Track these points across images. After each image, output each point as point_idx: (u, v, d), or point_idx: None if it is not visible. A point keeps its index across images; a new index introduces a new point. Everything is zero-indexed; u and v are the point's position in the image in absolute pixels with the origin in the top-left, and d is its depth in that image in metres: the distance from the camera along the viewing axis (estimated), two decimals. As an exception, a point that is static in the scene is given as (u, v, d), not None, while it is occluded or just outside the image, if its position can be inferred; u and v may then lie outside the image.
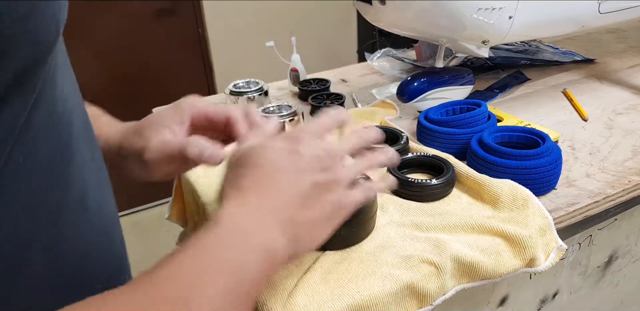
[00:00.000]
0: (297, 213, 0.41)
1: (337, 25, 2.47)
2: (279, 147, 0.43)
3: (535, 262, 0.57)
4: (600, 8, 0.83)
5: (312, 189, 0.42)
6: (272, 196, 0.41)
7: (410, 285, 0.51)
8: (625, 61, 1.08)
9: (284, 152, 0.42)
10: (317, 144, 0.44)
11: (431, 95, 0.83)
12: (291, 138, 0.44)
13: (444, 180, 0.63)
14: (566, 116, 0.86)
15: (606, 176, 0.69)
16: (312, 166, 0.42)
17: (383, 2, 0.73)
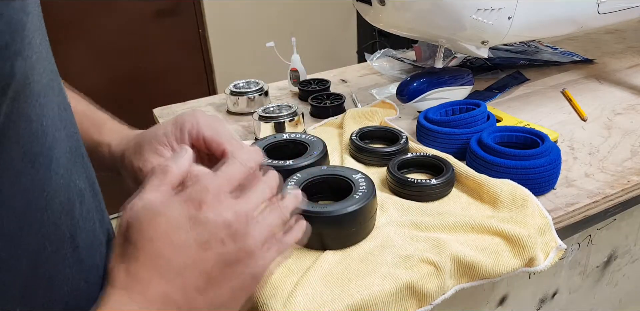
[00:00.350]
0: (199, 298, 0.34)
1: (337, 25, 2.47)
2: (175, 214, 0.34)
3: (534, 262, 0.57)
4: (599, 8, 0.83)
5: (218, 266, 0.34)
6: (169, 282, 0.33)
7: (409, 285, 0.52)
8: (624, 61, 1.08)
9: (181, 221, 0.34)
10: (224, 206, 0.35)
11: (431, 95, 0.83)
12: (192, 199, 0.35)
13: (443, 180, 0.63)
14: (565, 116, 0.86)
15: (605, 176, 0.69)
16: (218, 236, 0.34)
17: (383, 3, 0.73)
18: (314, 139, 0.70)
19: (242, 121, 0.91)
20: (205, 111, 0.96)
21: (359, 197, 0.55)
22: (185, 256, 0.33)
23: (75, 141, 0.38)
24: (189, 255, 0.33)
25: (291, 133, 0.72)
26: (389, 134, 0.76)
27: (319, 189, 0.61)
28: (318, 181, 0.61)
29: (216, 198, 0.35)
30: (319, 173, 0.61)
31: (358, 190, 0.57)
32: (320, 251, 0.55)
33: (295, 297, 0.49)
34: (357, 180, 0.59)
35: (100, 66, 1.97)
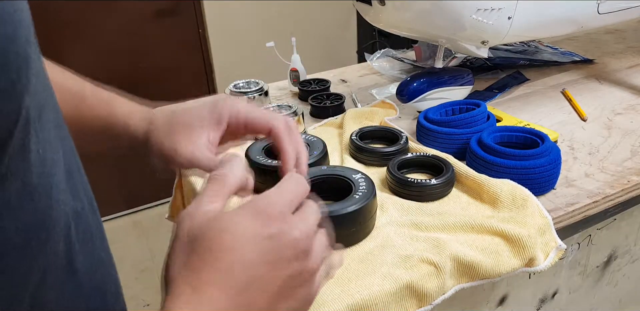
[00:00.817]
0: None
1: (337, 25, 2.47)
2: (248, 231, 0.33)
3: (534, 262, 0.57)
4: (599, 9, 0.83)
5: (282, 286, 0.33)
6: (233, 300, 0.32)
7: (409, 285, 0.52)
8: (624, 61, 1.08)
9: (249, 238, 0.33)
10: (291, 224, 0.34)
11: (431, 95, 0.83)
12: (259, 215, 0.34)
13: (443, 180, 0.63)
14: (565, 116, 0.86)
15: (605, 176, 0.69)
16: (285, 255, 0.33)
17: (383, 3, 0.73)
18: (314, 139, 0.70)
19: (242, 121, 0.90)
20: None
21: (359, 197, 0.55)
22: (252, 274, 0.32)
23: (72, 157, 0.36)
24: (256, 273, 0.32)
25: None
26: (389, 134, 0.76)
27: (319, 189, 0.61)
28: (318, 181, 0.61)
29: (282, 215, 0.34)
30: (319, 173, 0.61)
31: (358, 190, 0.57)
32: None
33: (295, 297, 0.49)
34: (357, 180, 0.59)
35: (100, 65, 1.97)
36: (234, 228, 0.33)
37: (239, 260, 0.32)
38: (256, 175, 0.65)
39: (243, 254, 0.32)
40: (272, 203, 0.35)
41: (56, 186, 0.31)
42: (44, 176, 0.30)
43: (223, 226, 0.33)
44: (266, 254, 0.33)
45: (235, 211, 0.34)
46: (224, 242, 0.32)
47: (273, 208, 0.34)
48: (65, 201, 0.33)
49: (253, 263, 0.32)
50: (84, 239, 0.35)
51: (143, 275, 1.74)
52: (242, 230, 0.33)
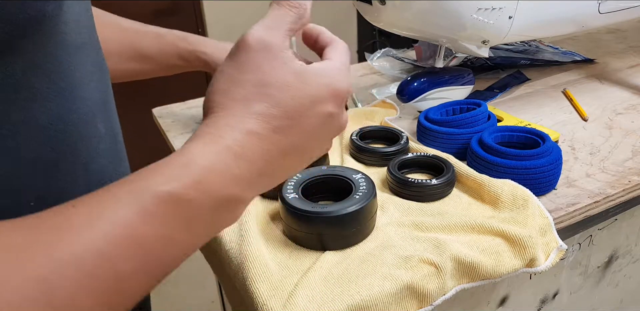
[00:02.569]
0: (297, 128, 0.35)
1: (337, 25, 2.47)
2: (327, 113, 0.35)
3: (535, 262, 0.57)
4: (600, 8, 0.83)
5: (322, 146, 0.38)
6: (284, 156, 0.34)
7: (410, 285, 0.51)
8: (625, 61, 1.08)
9: (327, 121, 0.36)
10: (345, 115, 0.38)
11: (431, 95, 0.83)
12: (339, 101, 0.36)
13: (444, 180, 0.63)
14: (566, 116, 0.86)
15: (606, 176, 0.69)
16: (338, 132, 0.38)
17: (383, 2, 0.73)
18: (314, 139, 0.70)
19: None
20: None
21: (359, 197, 0.55)
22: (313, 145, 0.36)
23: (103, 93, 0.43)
24: (314, 145, 0.36)
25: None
26: (389, 134, 0.76)
27: (319, 189, 0.61)
28: (318, 181, 0.61)
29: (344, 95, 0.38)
30: (319, 173, 0.61)
31: (358, 190, 0.56)
32: (320, 251, 0.55)
33: (295, 298, 0.49)
34: (357, 180, 0.58)
35: (100, 65, 1.96)
36: (321, 111, 0.35)
37: (309, 135, 0.35)
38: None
39: (314, 132, 0.35)
40: (345, 84, 0.37)
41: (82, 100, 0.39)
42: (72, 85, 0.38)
43: (314, 109, 0.35)
44: (329, 133, 0.37)
45: (317, 78, 0.35)
46: (305, 118, 0.34)
47: (344, 89, 0.37)
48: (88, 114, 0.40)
49: (317, 138, 0.36)
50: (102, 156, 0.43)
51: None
52: (324, 113, 0.35)
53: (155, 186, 0.29)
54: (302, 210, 0.54)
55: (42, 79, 0.35)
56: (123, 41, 0.71)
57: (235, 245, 0.56)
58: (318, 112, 0.34)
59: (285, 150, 0.33)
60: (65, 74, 0.37)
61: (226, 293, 0.64)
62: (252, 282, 0.51)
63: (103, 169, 0.44)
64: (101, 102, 0.44)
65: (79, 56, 0.39)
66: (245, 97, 0.33)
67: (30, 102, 0.35)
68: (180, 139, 0.85)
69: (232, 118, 0.32)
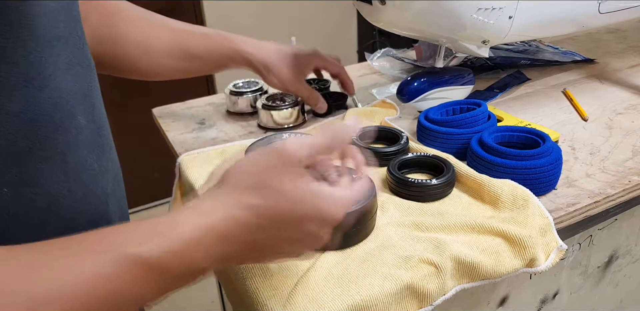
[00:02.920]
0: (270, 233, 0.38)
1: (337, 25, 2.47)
2: (308, 231, 0.39)
3: (535, 262, 0.57)
4: (600, 8, 0.83)
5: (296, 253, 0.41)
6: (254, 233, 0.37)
7: (410, 285, 0.51)
8: (625, 61, 1.08)
9: (305, 237, 0.39)
10: (325, 237, 0.41)
11: (431, 95, 0.83)
12: (325, 225, 0.39)
13: (444, 180, 0.63)
14: (566, 116, 0.86)
15: (606, 176, 0.69)
16: (313, 248, 0.41)
17: (383, 2, 0.73)
18: (314, 139, 0.70)
19: (242, 121, 0.90)
20: (204, 110, 0.96)
21: (359, 197, 0.55)
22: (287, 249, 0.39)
23: (84, 87, 0.45)
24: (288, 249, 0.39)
25: (291, 133, 0.72)
26: (389, 134, 0.76)
27: (319, 189, 0.61)
28: (318, 181, 0.60)
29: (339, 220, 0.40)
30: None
31: (358, 190, 0.56)
32: (320, 251, 0.55)
33: (295, 298, 0.49)
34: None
35: (100, 65, 1.96)
36: (300, 216, 0.38)
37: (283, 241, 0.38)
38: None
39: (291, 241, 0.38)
40: (336, 214, 0.39)
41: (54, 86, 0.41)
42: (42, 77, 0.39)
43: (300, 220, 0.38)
44: (293, 241, 0.39)
45: (313, 200, 0.38)
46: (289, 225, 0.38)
47: (333, 217, 0.39)
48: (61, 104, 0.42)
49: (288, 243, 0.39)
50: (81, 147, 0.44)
51: (143, 275, 1.73)
52: (305, 230, 0.38)
53: (137, 247, 0.32)
54: None
55: (9, 67, 0.37)
56: (172, 41, 0.75)
57: (235, 245, 0.56)
58: (300, 228, 0.38)
59: (258, 245, 0.37)
60: (35, 64, 0.39)
61: (226, 293, 0.65)
62: (252, 282, 0.51)
63: (83, 161, 0.45)
64: (81, 95, 0.45)
65: (53, 48, 0.41)
66: (248, 188, 0.36)
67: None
68: (180, 139, 0.85)
69: (228, 200, 0.36)
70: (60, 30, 0.42)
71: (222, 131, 0.87)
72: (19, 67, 0.38)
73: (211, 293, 1.66)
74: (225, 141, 0.84)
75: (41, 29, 0.39)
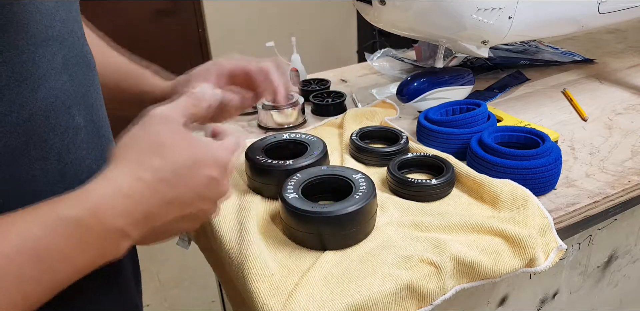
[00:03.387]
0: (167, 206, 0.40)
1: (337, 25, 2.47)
2: (209, 176, 0.41)
3: (535, 262, 0.57)
4: (599, 8, 0.83)
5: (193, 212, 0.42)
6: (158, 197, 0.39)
7: (410, 285, 0.51)
8: (624, 61, 1.08)
9: (209, 183, 0.42)
10: (228, 184, 0.44)
11: (431, 95, 0.83)
12: (221, 169, 0.42)
13: (443, 180, 0.63)
14: (566, 116, 0.86)
15: (606, 176, 0.69)
16: (215, 200, 0.43)
17: (383, 3, 0.73)
18: (314, 139, 0.70)
19: (242, 121, 0.90)
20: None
21: (359, 197, 0.55)
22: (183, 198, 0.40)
23: (82, 87, 0.46)
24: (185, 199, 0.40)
25: (291, 133, 0.72)
26: (389, 134, 0.76)
27: (319, 189, 0.61)
28: (318, 181, 0.61)
29: (228, 174, 0.43)
30: (319, 173, 0.61)
31: (358, 190, 0.57)
32: (320, 251, 0.55)
33: (295, 297, 0.49)
34: (357, 180, 0.58)
35: (100, 65, 1.96)
36: (200, 172, 0.41)
37: (187, 187, 0.40)
38: (256, 175, 0.65)
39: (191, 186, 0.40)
40: (227, 157, 0.43)
41: (49, 90, 0.41)
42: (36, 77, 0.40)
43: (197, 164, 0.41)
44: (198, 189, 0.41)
45: (201, 145, 0.42)
46: (188, 173, 0.40)
47: (225, 160, 0.43)
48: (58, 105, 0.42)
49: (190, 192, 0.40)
50: (80, 147, 0.45)
51: (142, 275, 1.74)
52: (204, 174, 0.41)
53: (60, 210, 0.36)
54: (302, 210, 0.54)
55: (1, 67, 0.37)
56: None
57: (235, 245, 0.56)
58: (201, 173, 0.41)
59: (168, 199, 0.39)
60: (28, 64, 0.39)
61: (226, 293, 0.65)
62: (252, 282, 0.51)
63: (80, 161, 0.45)
64: (79, 95, 0.45)
65: (47, 48, 0.41)
66: (141, 151, 0.40)
67: None
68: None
69: (127, 166, 0.39)
70: (57, 30, 0.42)
71: (222, 131, 0.87)
72: (11, 67, 0.38)
73: (211, 293, 1.66)
74: (225, 141, 0.84)
75: (34, 28, 0.39)
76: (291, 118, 0.86)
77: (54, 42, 0.42)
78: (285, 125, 0.86)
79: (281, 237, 0.58)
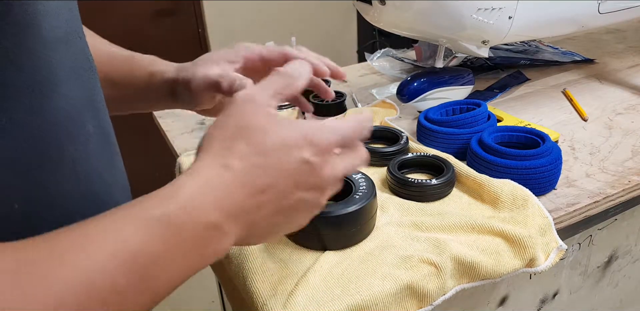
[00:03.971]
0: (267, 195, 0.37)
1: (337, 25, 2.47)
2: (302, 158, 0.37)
3: (535, 262, 0.57)
4: (599, 8, 0.83)
5: (294, 204, 0.38)
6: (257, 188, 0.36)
7: (410, 285, 0.51)
8: (625, 61, 1.08)
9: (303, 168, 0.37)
10: (339, 169, 0.39)
11: (431, 95, 0.83)
12: (317, 150, 0.37)
13: (443, 180, 0.63)
14: (566, 116, 0.86)
15: (606, 176, 0.69)
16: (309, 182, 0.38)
17: (383, 3, 0.73)
18: (314, 139, 0.70)
19: (242, 120, 0.90)
20: (205, 110, 0.96)
21: (359, 197, 0.55)
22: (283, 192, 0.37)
23: (90, 91, 0.43)
24: (285, 192, 0.37)
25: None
26: (389, 134, 0.76)
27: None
28: (318, 181, 0.61)
29: (327, 149, 0.38)
30: (319, 173, 0.61)
31: (358, 190, 0.56)
32: (320, 251, 0.55)
33: (295, 297, 0.49)
34: (357, 180, 0.58)
35: (100, 65, 1.96)
36: (295, 153, 0.37)
37: (283, 176, 0.36)
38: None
39: (288, 173, 0.36)
40: (324, 137, 0.38)
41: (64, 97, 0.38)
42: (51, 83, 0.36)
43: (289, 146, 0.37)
44: (304, 182, 0.37)
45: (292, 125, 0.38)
46: (283, 157, 0.36)
47: (322, 141, 0.38)
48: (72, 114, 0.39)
49: (290, 183, 0.36)
50: (93, 156, 0.42)
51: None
52: (300, 156, 0.37)
53: (148, 210, 0.33)
54: None
55: (15, 74, 0.34)
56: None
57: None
58: (293, 155, 0.36)
59: (260, 187, 0.36)
60: (43, 69, 0.36)
61: (226, 293, 0.65)
62: (252, 282, 0.51)
63: (93, 171, 0.43)
64: (88, 100, 0.43)
65: (59, 51, 0.38)
66: (225, 138, 0.37)
67: (3, 98, 0.34)
68: (180, 139, 0.85)
69: (212, 155, 0.36)
70: (63, 30, 0.39)
71: (222, 131, 0.87)
72: (26, 73, 0.35)
73: (211, 293, 1.66)
74: (225, 141, 0.84)
75: (46, 30, 0.36)
76: (291, 118, 0.86)
77: (62, 44, 0.39)
78: (285, 125, 0.86)
79: (281, 237, 0.58)
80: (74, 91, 0.40)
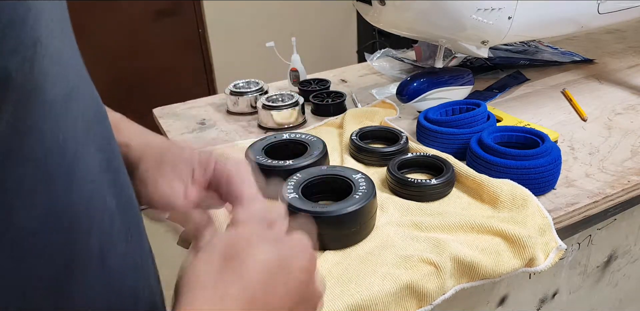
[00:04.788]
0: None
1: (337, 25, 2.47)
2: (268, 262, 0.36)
3: (534, 262, 0.57)
4: (599, 8, 0.83)
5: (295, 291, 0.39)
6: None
7: (410, 285, 0.52)
8: (624, 61, 1.08)
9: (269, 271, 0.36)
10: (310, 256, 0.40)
11: (431, 95, 0.83)
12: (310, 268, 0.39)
13: (443, 180, 0.63)
14: (565, 116, 0.86)
15: (605, 176, 0.69)
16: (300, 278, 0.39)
17: (383, 3, 0.73)
18: (314, 139, 0.70)
19: (242, 121, 0.90)
20: (205, 111, 0.96)
21: (359, 197, 0.55)
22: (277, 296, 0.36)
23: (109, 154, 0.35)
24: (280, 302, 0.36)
25: (291, 133, 0.72)
26: (389, 134, 0.76)
27: (319, 189, 0.61)
28: (318, 181, 0.61)
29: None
30: (319, 173, 0.61)
31: (358, 190, 0.57)
32: (320, 251, 0.55)
33: (295, 297, 0.49)
34: (357, 180, 0.59)
35: (100, 65, 1.97)
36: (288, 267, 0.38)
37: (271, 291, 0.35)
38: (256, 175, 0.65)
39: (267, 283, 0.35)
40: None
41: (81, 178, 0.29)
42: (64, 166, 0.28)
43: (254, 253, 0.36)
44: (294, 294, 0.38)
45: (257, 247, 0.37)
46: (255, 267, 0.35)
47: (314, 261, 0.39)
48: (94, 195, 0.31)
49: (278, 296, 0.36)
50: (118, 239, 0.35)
51: (143, 275, 1.73)
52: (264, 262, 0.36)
53: None
54: (302, 210, 0.54)
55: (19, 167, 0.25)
56: None
57: (235, 245, 0.56)
58: (288, 276, 0.38)
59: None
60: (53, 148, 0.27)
61: (226, 292, 0.64)
62: (252, 282, 0.51)
63: (123, 262, 0.35)
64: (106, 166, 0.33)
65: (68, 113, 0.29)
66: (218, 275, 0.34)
67: (9, 200, 0.25)
68: (181, 139, 0.85)
69: (207, 289, 0.33)
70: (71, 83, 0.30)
71: (223, 131, 0.87)
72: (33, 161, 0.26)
73: (211, 293, 1.66)
74: (225, 141, 0.84)
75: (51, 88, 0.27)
76: (291, 118, 0.86)
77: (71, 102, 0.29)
78: (285, 125, 0.86)
79: (281, 237, 0.58)
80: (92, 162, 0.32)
